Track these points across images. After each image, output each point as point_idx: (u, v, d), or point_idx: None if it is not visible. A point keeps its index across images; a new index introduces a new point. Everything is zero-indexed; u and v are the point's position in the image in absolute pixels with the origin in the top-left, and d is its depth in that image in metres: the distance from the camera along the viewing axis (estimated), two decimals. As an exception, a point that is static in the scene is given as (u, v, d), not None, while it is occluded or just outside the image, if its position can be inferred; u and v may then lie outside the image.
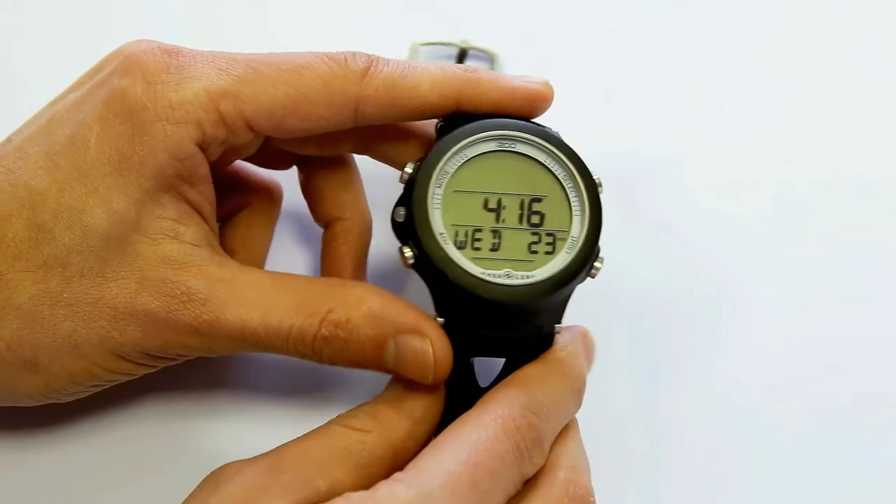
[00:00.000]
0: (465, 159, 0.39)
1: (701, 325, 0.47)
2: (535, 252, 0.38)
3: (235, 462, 0.35)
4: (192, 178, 0.38)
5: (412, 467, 0.34)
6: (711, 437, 0.45)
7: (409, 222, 0.37)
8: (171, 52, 0.39)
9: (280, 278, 0.39)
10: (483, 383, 0.39)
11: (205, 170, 0.39)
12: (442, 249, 0.37)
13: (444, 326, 0.38)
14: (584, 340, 0.40)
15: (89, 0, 0.53)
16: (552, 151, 0.39)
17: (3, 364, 0.37)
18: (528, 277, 0.37)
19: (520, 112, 0.40)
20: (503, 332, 0.38)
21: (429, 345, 0.37)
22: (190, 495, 0.35)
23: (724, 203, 0.50)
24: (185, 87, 0.38)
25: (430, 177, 0.38)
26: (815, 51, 0.54)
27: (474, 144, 0.39)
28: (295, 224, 0.49)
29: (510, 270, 0.37)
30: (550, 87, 0.40)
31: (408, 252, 0.37)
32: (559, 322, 0.38)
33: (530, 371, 0.38)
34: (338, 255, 0.44)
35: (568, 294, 0.38)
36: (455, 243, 0.37)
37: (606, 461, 0.39)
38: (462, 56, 0.52)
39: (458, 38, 0.52)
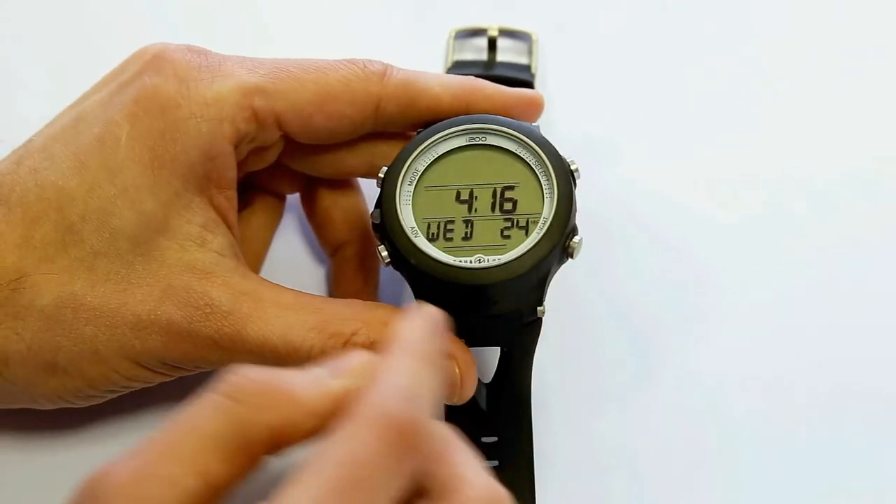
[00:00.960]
0: (437, 156, 0.40)
1: (688, 322, 0.46)
2: (507, 237, 0.38)
3: (106, 471, 0.28)
4: (220, 180, 0.38)
5: (275, 498, 0.27)
6: (698, 434, 0.44)
7: (382, 221, 0.38)
8: (200, 52, 0.39)
9: (301, 296, 0.38)
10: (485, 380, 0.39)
11: (233, 173, 0.39)
12: (412, 243, 0.38)
13: None
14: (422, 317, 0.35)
15: (89, 1, 0.53)
16: (522, 140, 0.39)
17: (23, 365, 0.37)
18: (498, 260, 0.37)
19: (522, 116, 0.41)
20: (484, 318, 0.38)
21: (456, 367, 0.37)
22: None
23: (711, 203, 0.49)
24: (218, 83, 0.38)
25: (398, 175, 0.39)
26: (808, 54, 0.53)
27: (444, 140, 0.40)
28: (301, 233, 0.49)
29: (482, 256, 0.37)
30: (542, 96, 0.42)
31: (383, 251, 0.38)
32: (541, 305, 0.38)
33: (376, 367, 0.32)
34: (352, 280, 0.44)
35: (544, 274, 0.38)
36: (427, 236, 0.38)
37: (589, 454, 0.39)
38: (492, 44, 0.52)
39: (492, 25, 0.53)
